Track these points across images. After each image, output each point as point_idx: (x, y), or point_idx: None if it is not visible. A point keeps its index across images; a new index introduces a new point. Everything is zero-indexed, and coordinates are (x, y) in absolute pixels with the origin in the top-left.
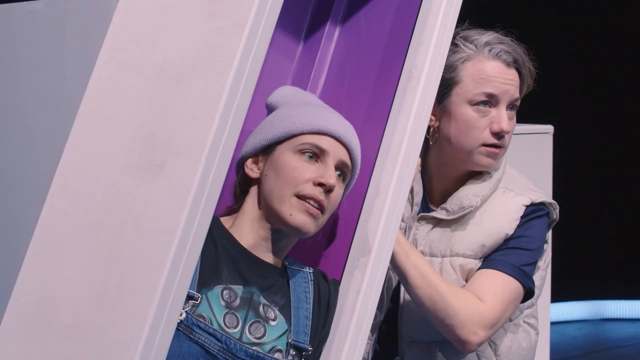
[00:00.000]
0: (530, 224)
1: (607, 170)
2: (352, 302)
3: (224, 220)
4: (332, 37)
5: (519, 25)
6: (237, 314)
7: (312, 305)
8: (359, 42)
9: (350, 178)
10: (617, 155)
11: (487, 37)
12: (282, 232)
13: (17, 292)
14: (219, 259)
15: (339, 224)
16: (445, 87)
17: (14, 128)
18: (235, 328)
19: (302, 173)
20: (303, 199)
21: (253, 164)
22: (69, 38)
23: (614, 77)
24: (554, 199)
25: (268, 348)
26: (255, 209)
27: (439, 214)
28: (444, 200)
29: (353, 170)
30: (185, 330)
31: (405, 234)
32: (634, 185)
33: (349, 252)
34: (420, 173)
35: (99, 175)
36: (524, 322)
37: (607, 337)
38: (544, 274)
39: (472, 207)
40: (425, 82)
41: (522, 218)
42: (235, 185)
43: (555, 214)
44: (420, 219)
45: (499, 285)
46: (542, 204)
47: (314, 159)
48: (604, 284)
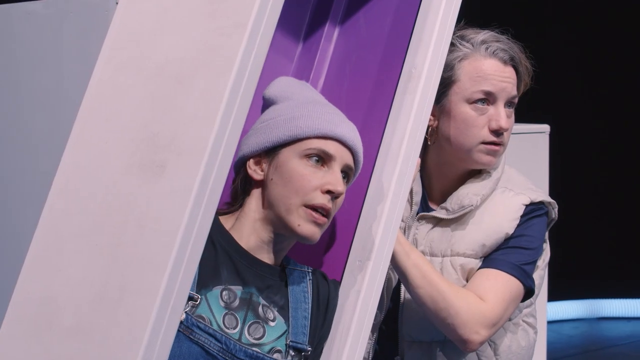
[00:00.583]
0: (530, 223)
1: (603, 170)
2: (352, 302)
3: (224, 220)
4: (331, 37)
5: (516, 24)
6: (236, 315)
7: (310, 305)
8: (359, 42)
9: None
10: (613, 155)
11: (483, 35)
12: (281, 237)
13: (18, 292)
14: (218, 260)
15: (340, 225)
16: (443, 86)
17: (13, 129)
18: (235, 329)
19: (310, 181)
20: (312, 209)
21: (256, 165)
22: (67, 39)
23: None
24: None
25: (267, 349)
26: (259, 212)
27: (439, 214)
28: (444, 200)
29: (355, 172)
30: (185, 331)
31: (405, 234)
32: (631, 185)
33: (350, 252)
34: (420, 172)
35: (100, 176)
36: (523, 321)
37: (603, 335)
38: (543, 273)
39: (472, 206)
40: (425, 82)
41: (522, 217)
42: (236, 185)
43: (554, 213)
44: (420, 219)
45: (500, 285)
46: (541, 203)
47: (320, 164)
48: (600, 283)
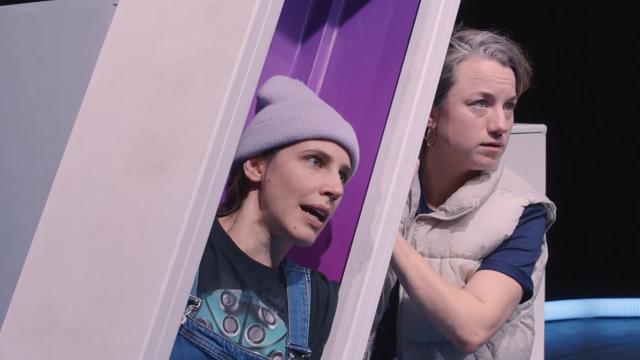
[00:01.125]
0: (529, 225)
1: (600, 169)
2: (352, 303)
3: (222, 221)
4: (330, 38)
5: (513, 25)
6: (236, 318)
7: (309, 307)
8: (357, 43)
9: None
10: (610, 155)
11: (481, 36)
12: (276, 239)
13: (18, 294)
14: (218, 264)
15: (339, 226)
16: (442, 87)
17: (11, 130)
18: (235, 332)
19: (308, 182)
20: (309, 210)
21: (253, 167)
22: (64, 40)
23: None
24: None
25: (267, 352)
26: (256, 214)
27: (438, 215)
28: (443, 201)
29: (352, 172)
30: (186, 335)
31: (404, 235)
32: (627, 185)
33: (349, 254)
34: (419, 173)
35: (100, 178)
36: (521, 322)
37: (600, 335)
38: (541, 275)
39: (471, 207)
40: (424, 83)
41: (520, 219)
42: (233, 186)
43: (553, 215)
44: (419, 220)
45: (499, 286)
46: (540, 205)
47: (318, 165)
48: (597, 283)
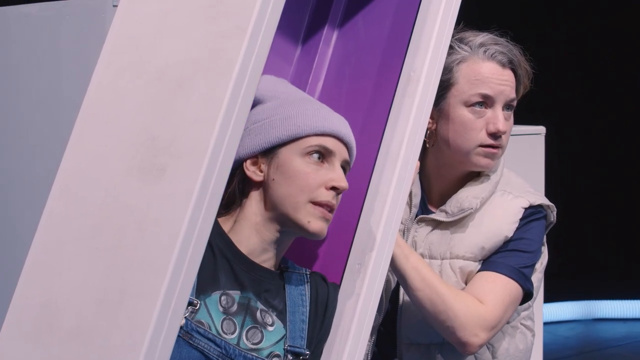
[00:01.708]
0: (529, 226)
1: (598, 171)
2: (352, 305)
3: (222, 222)
4: (330, 40)
5: (513, 26)
6: (234, 320)
7: (308, 308)
8: (357, 45)
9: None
10: (609, 156)
11: (481, 38)
12: (285, 235)
13: (18, 295)
14: (217, 265)
15: (339, 228)
16: (441, 89)
17: (11, 131)
18: (233, 334)
19: (314, 178)
20: (318, 205)
21: (254, 166)
22: (64, 41)
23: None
24: None
25: (266, 353)
26: (260, 213)
27: (439, 216)
28: (443, 202)
29: (350, 165)
30: (185, 336)
31: (404, 236)
32: (626, 186)
33: (349, 255)
34: (419, 175)
35: (100, 179)
36: (521, 324)
37: (599, 337)
38: (541, 276)
39: (472, 209)
40: (424, 85)
41: (521, 220)
42: (233, 187)
43: (553, 217)
44: (420, 221)
45: (499, 288)
46: (540, 207)
47: (321, 160)
48: (596, 284)
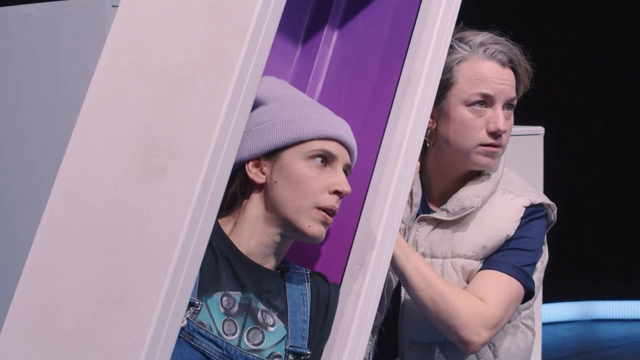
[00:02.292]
0: (530, 225)
1: (597, 172)
2: (352, 305)
3: (223, 223)
4: (330, 40)
5: (512, 26)
6: (235, 321)
7: (309, 308)
8: (358, 45)
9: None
10: (607, 157)
11: (481, 37)
12: (286, 237)
13: (18, 296)
14: (218, 266)
15: (339, 228)
16: (441, 88)
17: (10, 131)
18: (234, 335)
19: (317, 182)
20: (322, 210)
21: (256, 168)
22: (64, 41)
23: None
24: None
25: (267, 354)
26: (260, 215)
27: (440, 215)
28: (443, 201)
29: (351, 169)
30: (186, 337)
31: (405, 235)
32: (625, 186)
33: (349, 255)
34: (419, 174)
35: (101, 179)
36: (522, 323)
37: (597, 337)
38: (541, 275)
39: (473, 207)
40: (424, 85)
41: (522, 219)
42: (234, 188)
43: (553, 216)
44: (421, 220)
45: (501, 286)
46: (540, 205)
47: (324, 164)
48: (594, 285)
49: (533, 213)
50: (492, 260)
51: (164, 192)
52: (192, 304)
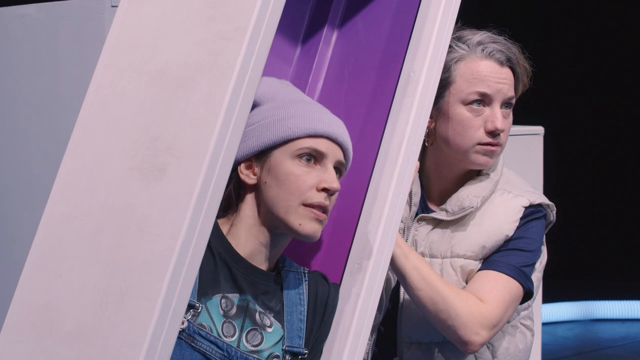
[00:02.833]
0: (529, 226)
1: (597, 171)
2: (352, 305)
3: (221, 223)
4: (330, 40)
5: (511, 26)
6: (233, 323)
7: (306, 307)
8: (357, 45)
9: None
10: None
11: (479, 36)
12: (281, 237)
13: (18, 297)
14: (217, 268)
15: (339, 228)
16: (440, 87)
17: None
18: (232, 337)
19: (305, 180)
20: (310, 206)
21: (247, 170)
22: (62, 42)
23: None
24: None
25: (266, 355)
26: (254, 217)
27: (439, 215)
28: (442, 201)
29: (346, 166)
30: (187, 339)
31: (404, 235)
32: (624, 186)
33: (349, 255)
34: (418, 173)
35: (101, 179)
36: (521, 323)
37: (597, 337)
38: (540, 276)
39: (472, 207)
40: (424, 85)
41: (521, 219)
42: (229, 190)
43: (552, 216)
44: (420, 220)
45: (500, 286)
46: (540, 206)
47: (313, 162)
48: (594, 285)
49: (532, 213)
50: (491, 261)
51: (164, 192)
52: (192, 306)
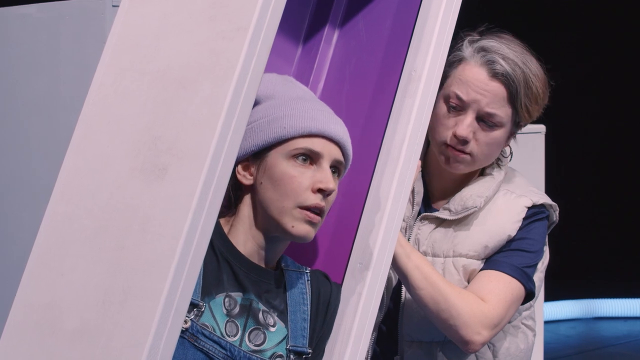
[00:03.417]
0: (532, 226)
1: (599, 170)
2: (354, 305)
3: (223, 223)
4: (331, 39)
5: (512, 26)
6: (236, 322)
7: (309, 306)
8: (358, 44)
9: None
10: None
11: (494, 43)
12: (276, 240)
13: (21, 296)
14: (220, 267)
15: (340, 228)
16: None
17: (10, 132)
18: (235, 336)
19: (300, 181)
20: (305, 209)
21: (244, 170)
22: (63, 42)
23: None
24: None
25: (269, 354)
26: (252, 217)
27: (442, 214)
28: (445, 200)
29: (346, 165)
30: (190, 338)
31: (406, 234)
32: (626, 185)
33: (350, 255)
34: (421, 172)
35: (103, 180)
36: (522, 323)
37: (599, 335)
38: (542, 276)
39: (476, 207)
40: (425, 84)
41: (524, 220)
42: (228, 191)
43: (555, 216)
44: (423, 219)
45: (502, 286)
46: (542, 206)
47: (308, 162)
48: (596, 283)
49: (535, 214)
50: (493, 261)
51: (166, 192)
52: (195, 305)
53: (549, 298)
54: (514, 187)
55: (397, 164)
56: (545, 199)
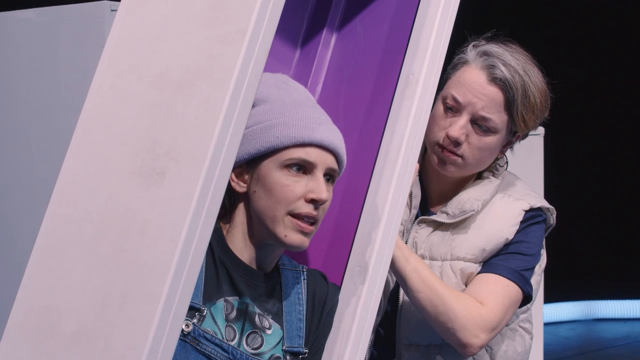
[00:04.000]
0: (529, 230)
1: (598, 171)
2: (352, 307)
3: (222, 226)
4: (329, 43)
5: (510, 27)
6: (234, 326)
7: (305, 306)
8: (356, 48)
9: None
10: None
11: (496, 49)
12: (271, 248)
13: (20, 300)
14: (219, 272)
15: (339, 231)
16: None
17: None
18: (232, 340)
19: (293, 191)
20: (297, 218)
21: (238, 178)
22: (63, 46)
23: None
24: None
25: (267, 357)
26: (246, 225)
27: (440, 218)
28: (442, 203)
29: (340, 171)
30: (192, 342)
31: (403, 237)
32: (625, 187)
33: (349, 258)
34: (419, 175)
35: (101, 183)
36: (520, 326)
37: (599, 337)
38: (539, 279)
39: (473, 211)
40: (423, 87)
41: (521, 223)
42: (224, 197)
43: (552, 219)
44: (420, 222)
45: (499, 290)
46: (540, 209)
47: (302, 172)
48: (596, 285)
49: (532, 217)
50: (491, 264)
51: (164, 196)
52: (197, 310)
53: (549, 300)
54: (512, 190)
55: (395, 167)
56: (543, 203)
